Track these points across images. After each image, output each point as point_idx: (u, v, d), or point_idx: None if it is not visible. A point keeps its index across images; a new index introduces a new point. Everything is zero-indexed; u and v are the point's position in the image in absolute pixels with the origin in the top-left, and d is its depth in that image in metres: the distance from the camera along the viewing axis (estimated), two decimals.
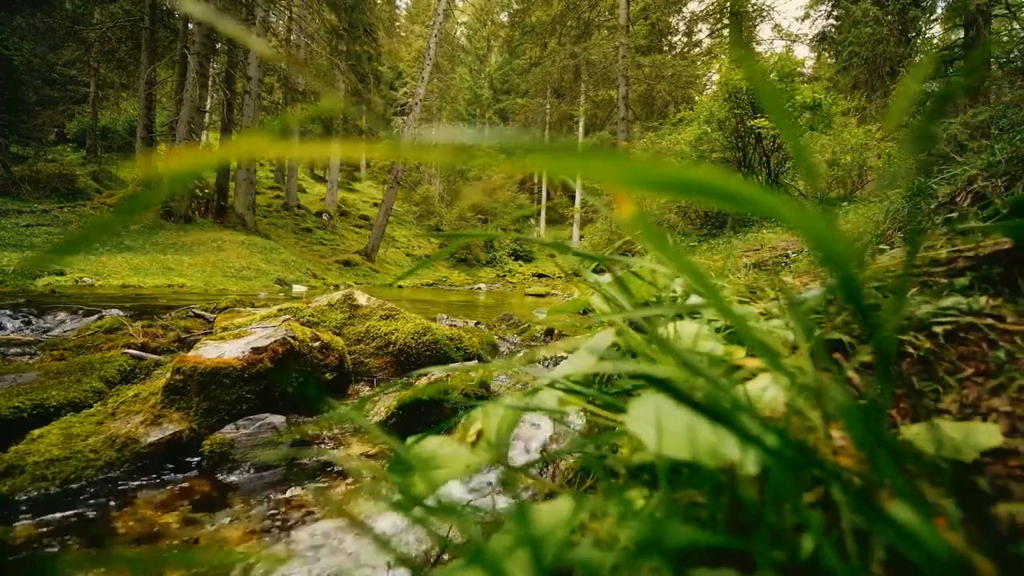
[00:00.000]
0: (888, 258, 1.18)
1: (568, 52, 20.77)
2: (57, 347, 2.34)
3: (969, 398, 0.57)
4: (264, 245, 13.44)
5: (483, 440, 0.53)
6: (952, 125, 10.62)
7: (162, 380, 1.61)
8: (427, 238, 26.04)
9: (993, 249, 0.89)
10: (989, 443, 0.48)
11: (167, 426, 1.43)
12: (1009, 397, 0.55)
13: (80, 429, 1.42)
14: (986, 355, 0.64)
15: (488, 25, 40.17)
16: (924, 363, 0.65)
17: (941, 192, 2.07)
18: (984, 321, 0.71)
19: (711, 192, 0.14)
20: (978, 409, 0.55)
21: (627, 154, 0.14)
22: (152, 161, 13.56)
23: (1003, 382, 0.57)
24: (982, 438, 0.49)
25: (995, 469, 0.45)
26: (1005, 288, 0.81)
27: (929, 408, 0.58)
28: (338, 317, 2.35)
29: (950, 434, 0.51)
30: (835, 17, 18.93)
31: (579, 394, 0.42)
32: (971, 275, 0.87)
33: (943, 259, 0.96)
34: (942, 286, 0.90)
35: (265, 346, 1.64)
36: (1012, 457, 0.46)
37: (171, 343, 2.46)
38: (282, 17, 19.69)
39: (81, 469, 1.28)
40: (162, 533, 1.05)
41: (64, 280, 6.90)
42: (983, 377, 0.60)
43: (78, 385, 1.76)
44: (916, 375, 0.64)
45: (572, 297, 0.86)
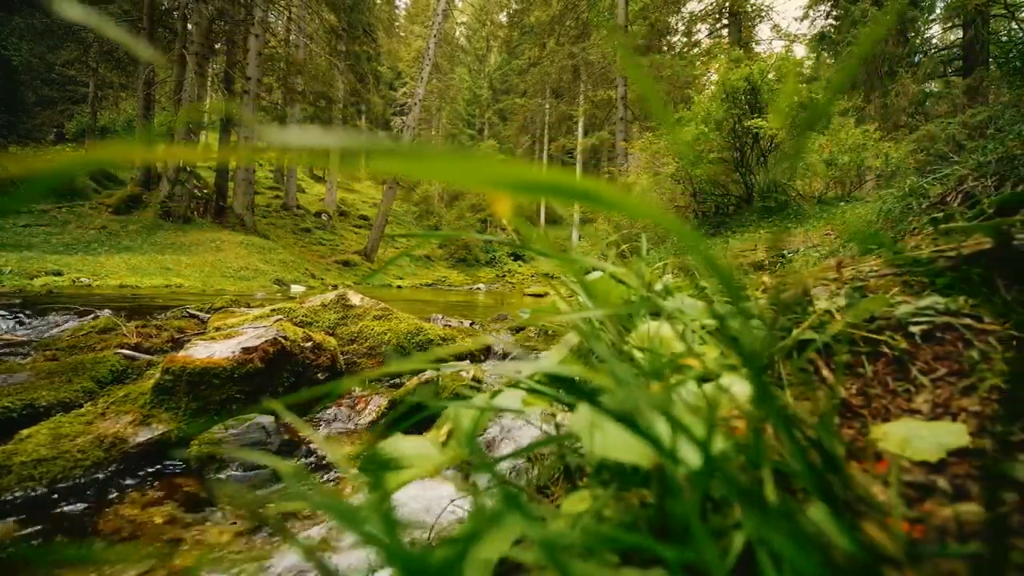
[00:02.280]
0: (873, 258, 1.18)
1: (567, 52, 20.78)
2: (50, 347, 2.33)
3: (941, 398, 0.57)
4: (263, 245, 13.43)
5: (453, 440, 0.53)
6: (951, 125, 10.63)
7: (152, 380, 1.61)
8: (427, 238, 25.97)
9: (975, 249, 0.89)
10: (956, 443, 0.48)
11: (156, 426, 1.43)
12: (979, 397, 0.55)
13: (69, 429, 1.42)
14: (961, 355, 0.64)
15: (487, 25, 40.17)
16: (899, 363, 0.65)
17: (933, 192, 2.07)
18: (961, 321, 0.71)
19: (560, 191, 0.14)
20: (949, 409, 0.55)
21: (480, 156, 0.14)
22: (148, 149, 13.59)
23: (974, 382, 0.57)
24: (949, 438, 0.49)
25: (959, 469, 0.45)
26: (984, 288, 0.81)
27: (901, 408, 0.59)
28: (331, 317, 2.35)
29: (918, 434, 0.51)
30: (834, 17, 18.93)
31: (543, 394, 0.42)
32: (952, 275, 0.87)
33: (925, 259, 0.96)
34: (923, 286, 0.90)
35: (256, 346, 1.64)
36: (978, 457, 0.46)
37: (165, 343, 2.46)
38: (281, 17, 19.69)
39: (68, 469, 1.28)
40: (146, 532, 1.05)
41: (61, 280, 6.90)
42: (956, 377, 0.60)
43: (69, 385, 1.75)
44: (890, 375, 0.64)
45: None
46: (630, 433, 0.21)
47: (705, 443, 0.21)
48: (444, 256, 25.39)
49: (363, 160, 0.14)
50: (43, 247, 9.59)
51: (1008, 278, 0.81)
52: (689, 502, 0.20)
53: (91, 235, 11.01)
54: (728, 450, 0.24)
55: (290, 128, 0.13)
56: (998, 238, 0.84)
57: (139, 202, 13.22)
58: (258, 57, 14.84)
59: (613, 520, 0.30)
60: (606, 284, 0.60)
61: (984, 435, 0.50)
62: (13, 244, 9.29)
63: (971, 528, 0.32)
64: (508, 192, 0.15)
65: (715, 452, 0.22)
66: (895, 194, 2.17)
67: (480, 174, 0.14)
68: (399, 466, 0.52)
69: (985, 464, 0.41)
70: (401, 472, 0.51)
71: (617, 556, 0.28)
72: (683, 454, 0.21)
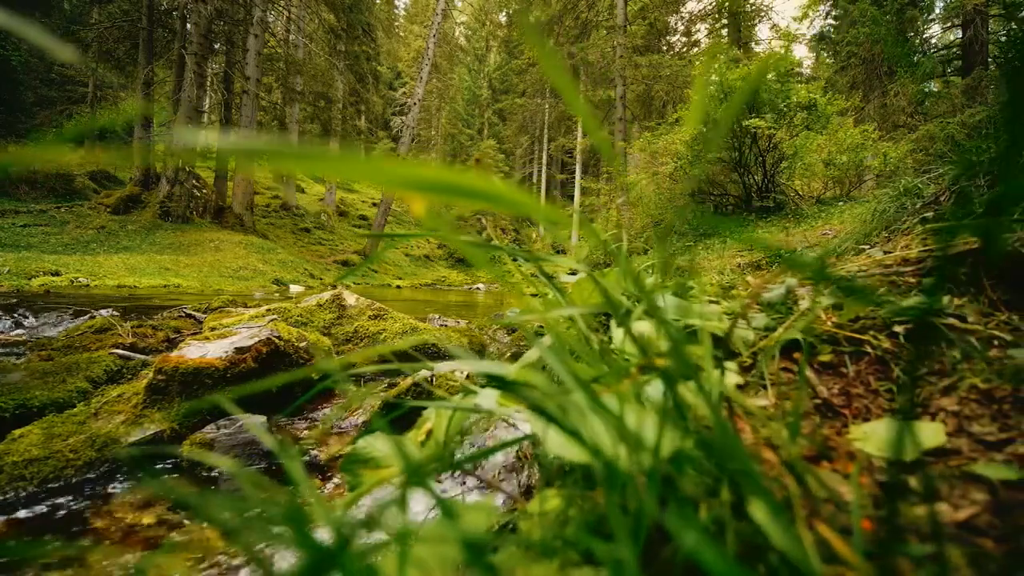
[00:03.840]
0: (864, 257, 1.18)
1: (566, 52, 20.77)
2: (45, 347, 2.33)
3: (921, 397, 0.57)
4: (262, 245, 13.43)
5: (431, 439, 0.53)
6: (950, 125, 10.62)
7: (146, 380, 1.61)
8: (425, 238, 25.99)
9: (962, 248, 0.89)
10: (932, 442, 0.48)
11: (148, 426, 1.43)
12: (959, 396, 0.55)
13: (62, 429, 1.42)
14: (943, 354, 0.64)
15: (487, 25, 40.16)
16: (881, 363, 0.65)
17: (927, 192, 2.07)
18: (945, 321, 0.71)
19: (463, 192, 0.14)
20: (928, 408, 0.55)
21: (388, 158, 0.14)
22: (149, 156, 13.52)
23: (954, 382, 0.57)
24: (926, 437, 0.49)
25: (935, 469, 0.45)
26: (971, 287, 0.81)
27: (882, 407, 0.59)
28: (327, 317, 2.35)
29: (895, 434, 0.51)
30: (834, 17, 18.92)
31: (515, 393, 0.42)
32: (938, 275, 0.87)
33: (913, 259, 0.96)
34: (910, 285, 0.90)
35: (249, 346, 1.64)
36: (953, 457, 0.46)
37: (160, 343, 2.46)
38: (280, 17, 19.68)
39: (60, 469, 1.28)
40: (137, 532, 1.05)
41: (59, 280, 6.90)
42: (937, 376, 0.60)
43: (63, 385, 1.75)
44: (873, 375, 0.64)
45: None
46: (563, 433, 0.21)
47: (657, 446, 0.21)
48: (443, 256, 25.39)
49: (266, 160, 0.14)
50: (42, 247, 9.59)
51: (994, 277, 0.81)
52: (608, 499, 0.21)
53: (90, 235, 11.01)
54: (687, 448, 0.24)
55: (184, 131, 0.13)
56: (985, 237, 0.84)
57: (138, 202, 13.22)
58: (257, 57, 14.84)
59: (577, 520, 0.30)
60: (585, 285, 0.60)
61: (962, 434, 0.50)
62: (12, 244, 9.29)
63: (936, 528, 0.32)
64: (406, 190, 0.15)
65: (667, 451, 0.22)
66: (889, 194, 2.17)
67: (379, 174, 0.14)
68: (377, 465, 0.52)
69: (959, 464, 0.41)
70: (379, 471, 0.51)
71: (579, 555, 0.28)
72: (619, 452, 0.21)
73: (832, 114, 7.75)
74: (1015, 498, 0.37)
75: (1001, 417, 0.50)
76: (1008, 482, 0.39)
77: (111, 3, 16.21)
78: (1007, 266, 0.80)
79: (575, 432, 0.22)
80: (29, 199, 12.72)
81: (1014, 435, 0.47)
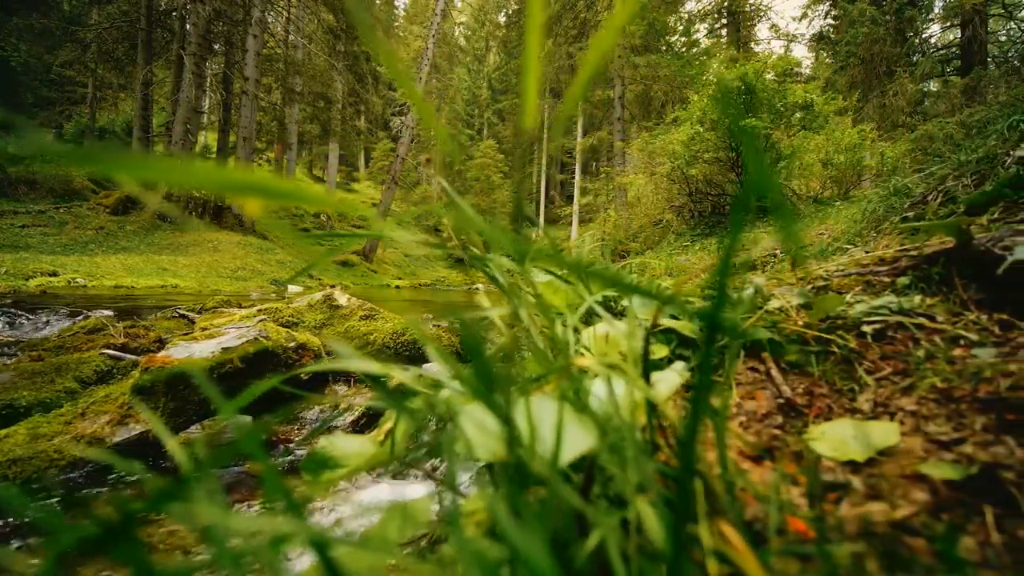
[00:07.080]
0: (844, 257, 1.18)
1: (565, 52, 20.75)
2: (36, 348, 2.34)
3: (882, 397, 0.57)
4: (260, 245, 13.43)
5: (390, 438, 0.53)
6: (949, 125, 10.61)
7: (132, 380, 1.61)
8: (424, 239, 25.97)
9: (937, 248, 0.88)
10: (885, 442, 0.48)
11: (133, 426, 1.43)
12: (918, 396, 0.55)
13: (47, 429, 1.42)
14: (908, 354, 0.64)
15: (486, 25, 40.17)
16: (846, 362, 0.65)
17: (917, 191, 2.07)
18: (914, 320, 0.71)
19: (266, 192, 0.15)
20: (888, 408, 0.55)
21: (200, 164, 0.14)
22: None
23: (914, 382, 0.57)
24: (879, 437, 0.49)
25: (886, 468, 0.45)
26: (943, 287, 0.81)
27: (844, 407, 0.59)
28: (318, 318, 2.35)
29: (852, 433, 0.51)
30: (833, 17, 18.91)
31: None
32: (912, 274, 0.87)
33: (889, 258, 0.96)
34: (884, 285, 0.90)
35: (236, 346, 1.64)
36: (905, 456, 0.46)
37: (152, 343, 2.46)
38: (279, 17, 19.70)
39: (43, 469, 1.28)
40: None
41: (57, 281, 6.90)
42: (900, 376, 0.60)
43: (51, 386, 1.76)
44: (838, 374, 0.64)
45: None
46: (481, 431, 0.21)
47: (555, 452, 0.21)
48: (443, 256, 25.39)
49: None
50: (40, 247, 9.60)
51: (967, 277, 0.81)
52: (505, 495, 0.21)
53: (88, 235, 11.02)
54: (598, 448, 0.24)
55: None
56: (959, 237, 0.84)
57: (137, 202, 13.22)
58: (256, 57, 14.83)
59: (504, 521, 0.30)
60: (553, 286, 0.60)
61: (917, 434, 0.50)
62: (11, 245, 9.29)
63: (868, 527, 0.32)
64: (225, 191, 0.15)
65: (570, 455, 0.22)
66: (880, 194, 2.17)
67: (197, 178, 0.14)
68: (336, 465, 0.52)
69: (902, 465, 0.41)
70: (336, 470, 0.51)
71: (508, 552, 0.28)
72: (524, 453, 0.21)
73: (829, 113, 7.75)
74: (954, 498, 0.37)
75: (957, 417, 0.50)
76: (950, 482, 0.39)
77: (110, 4, 16.23)
78: (980, 266, 0.80)
79: (484, 430, 0.22)
80: (28, 199, 12.73)
81: (966, 435, 0.47)
